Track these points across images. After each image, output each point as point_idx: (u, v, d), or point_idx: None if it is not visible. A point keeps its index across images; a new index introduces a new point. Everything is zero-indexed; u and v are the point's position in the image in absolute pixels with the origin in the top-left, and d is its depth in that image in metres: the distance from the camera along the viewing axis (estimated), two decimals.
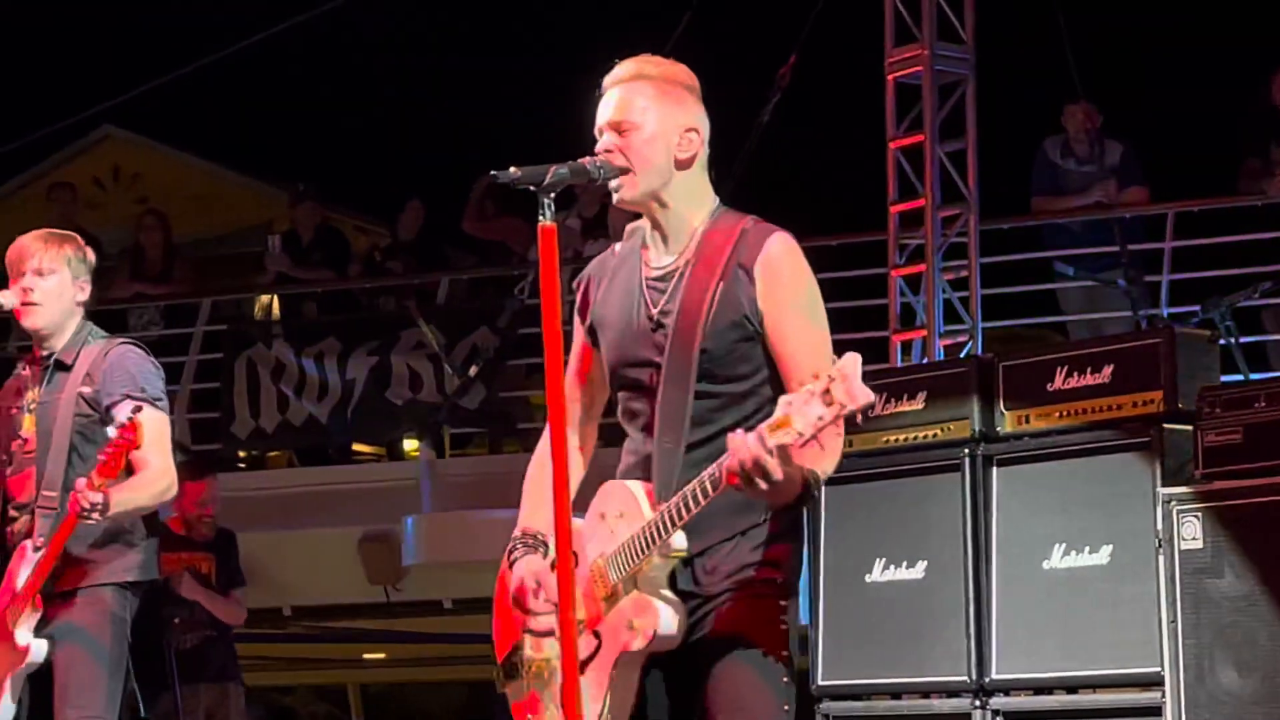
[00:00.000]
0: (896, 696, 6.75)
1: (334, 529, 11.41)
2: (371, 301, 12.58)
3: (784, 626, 3.74)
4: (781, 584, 3.77)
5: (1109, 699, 6.22)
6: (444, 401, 11.28)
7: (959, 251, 9.52)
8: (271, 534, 10.86)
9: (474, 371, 11.18)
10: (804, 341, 3.71)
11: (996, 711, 6.46)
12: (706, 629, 3.73)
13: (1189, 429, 6.17)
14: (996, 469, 6.58)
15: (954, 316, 9.46)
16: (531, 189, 3.58)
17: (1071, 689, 6.33)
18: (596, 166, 3.74)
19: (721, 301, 3.74)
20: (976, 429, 6.65)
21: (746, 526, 3.74)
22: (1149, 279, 10.10)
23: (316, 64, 18.34)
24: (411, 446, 12.23)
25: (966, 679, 6.49)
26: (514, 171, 3.61)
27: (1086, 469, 6.38)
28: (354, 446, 12.52)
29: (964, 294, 9.48)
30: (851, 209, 11.84)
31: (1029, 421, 6.59)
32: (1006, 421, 6.64)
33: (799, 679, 3.91)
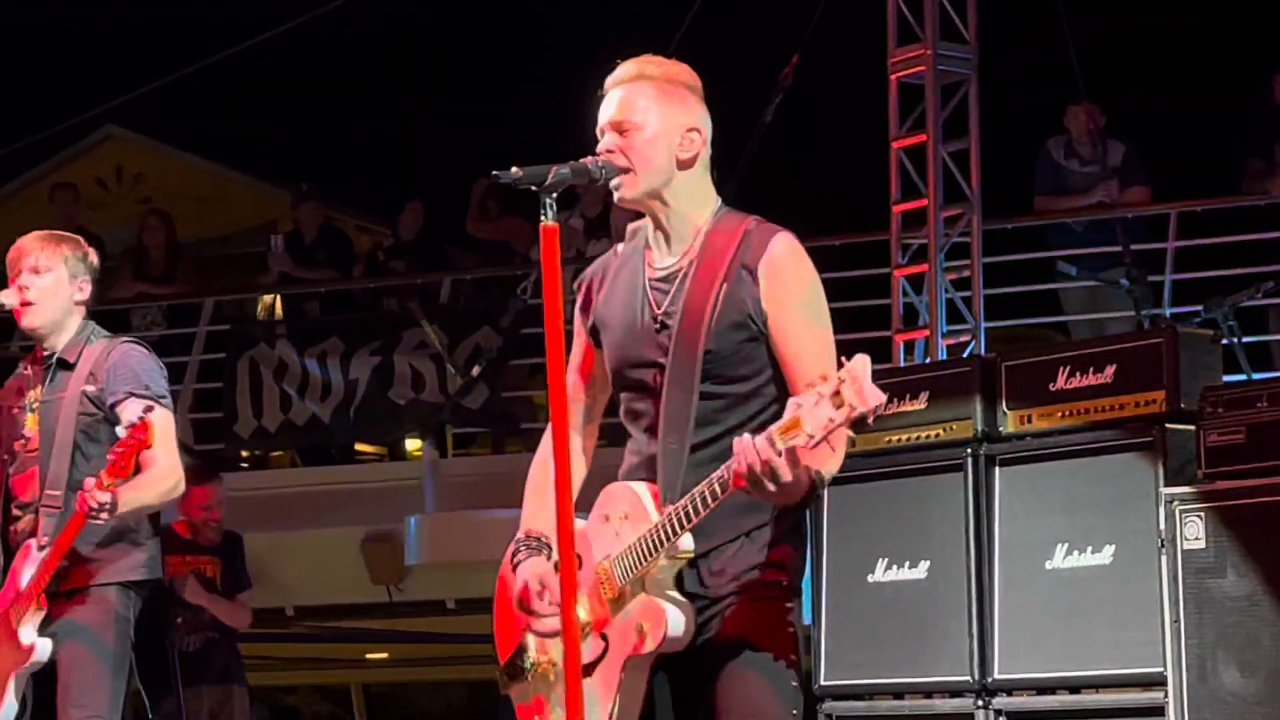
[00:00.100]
0: (899, 696, 6.75)
1: (337, 529, 11.40)
2: (374, 301, 12.57)
3: (791, 629, 3.74)
4: (787, 586, 3.76)
5: (1111, 699, 6.22)
6: (447, 401, 11.27)
7: (961, 251, 9.51)
8: (274, 534, 10.85)
9: (477, 371, 11.17)
10: (808, 342, 3.71)
11: (999, 711, 6.45)
12: (714, 632, 3.72)
13: (1191, 429, 6.17)
14: (999, 469, 6.57)
15: (956, 316, 9.45)
16: (533, 189, 3.58)
17: (1074, 689, 6.32)
18: (598, 166, 3.73)
19: (725, 302, 3.73)
20: (979, 429, 6.65)
21: (752, 527, 3.73)
22: (1151, 279, 10.08)
23: (318, 64, 18.33)
24: (414, 446, 12.23)
25: (969, 679, 6.48)
26: (515, 171, 3.61)
27: (1089, 469, 6.37)
28: (357, 446, 12.51)
29: (966, 294, 9.47)
30: (854, 209, 11.84)
31: (1031, 421, 6.58)
32: (1009, 421, 6.63)
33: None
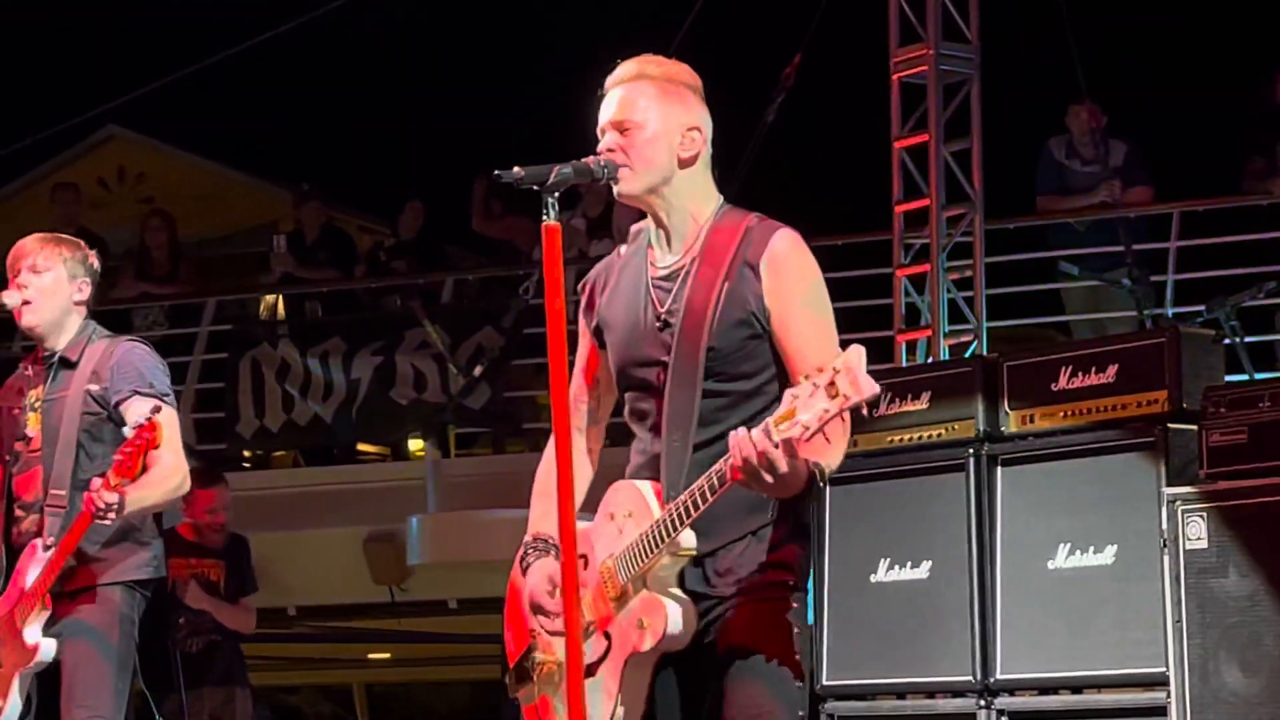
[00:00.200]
0: (901, 696, 6.75)
1: (339, 529, 11.41)
2: (376, 301, 12.58)
3: (796, 630, 3.74)
4: (792, 586, 3.76)
5: (1113, 699, 6.21)
6: (449, 401, 11.27)
7: (964, 251, 9.51)
8: (276, 534, 10.84)
9: (479, 371, 11.17)
10: (810, 336, 3.71)
11: (1001, 711, 6.45)
12: (719, 631, 3.72)
13: (1194, 429, 6.17)
14: (1001, 469, 6.57)
15: (958, 316, 9.45)
16: (535, 188, 3.58)
17: (1076, 689, 6.32)
18: (600, 166, 3.74)
19: (728, 299, 3.73)
20: (981, 429, 6.65)
21: (757, 526, 3.73)
22: (1153, 279, 10.08)
23: (319, 64, 18.32)
24: (416, 446, 12.23)
25: (971, 679, 6.48)
26: (517, 171, 3.61)
27: (1091, 469, 6.37)
28: (359, 446, 12.51)
29: (968, 294, 9.47)
30: (856, 209, 11.83)
31: (1033, 421, 6.58)
32: (1011, 421, 6.63)
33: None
